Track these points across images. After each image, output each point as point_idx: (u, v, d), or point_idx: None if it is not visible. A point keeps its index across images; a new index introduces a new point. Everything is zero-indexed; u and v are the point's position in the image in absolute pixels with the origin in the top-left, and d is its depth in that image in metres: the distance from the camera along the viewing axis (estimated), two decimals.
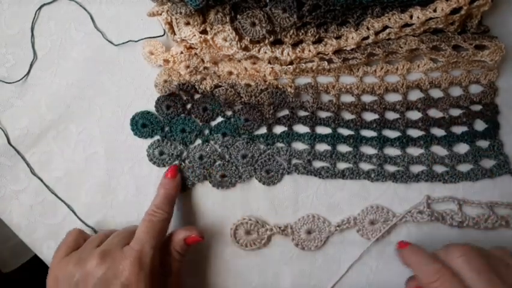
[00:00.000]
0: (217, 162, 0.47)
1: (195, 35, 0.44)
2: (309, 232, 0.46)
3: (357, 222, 0.45)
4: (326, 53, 0.44)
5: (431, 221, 0.44)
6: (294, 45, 0.44)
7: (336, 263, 0.46)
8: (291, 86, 0.46)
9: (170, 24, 0.44)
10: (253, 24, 0.42)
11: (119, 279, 0.37)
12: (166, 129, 0.47)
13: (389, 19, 0.42)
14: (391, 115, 0.47)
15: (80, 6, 0.48)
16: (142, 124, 0.47)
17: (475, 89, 0.47)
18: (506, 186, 0.46)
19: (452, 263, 0.37)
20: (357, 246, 0.45)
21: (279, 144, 0.47)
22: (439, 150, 0.46)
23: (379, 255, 0.46)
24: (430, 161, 0.45)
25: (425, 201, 0.45)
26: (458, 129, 0.46)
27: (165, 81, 0.46)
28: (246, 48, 0.44)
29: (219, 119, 0.47)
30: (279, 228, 0.45)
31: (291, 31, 0.43)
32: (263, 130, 0.47)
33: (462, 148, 0.46)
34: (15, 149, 0.48)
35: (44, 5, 0.48)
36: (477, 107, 0.46)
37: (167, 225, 0.42)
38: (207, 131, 0.47)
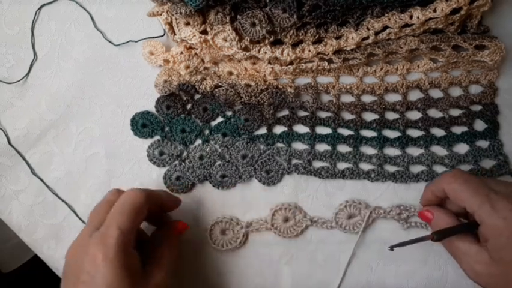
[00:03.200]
0: (217, 162, 0.47)
1: (195, 35, 0.44)
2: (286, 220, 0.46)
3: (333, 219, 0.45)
4: (326, 53, 0.44)
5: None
6: (294, 46, 0.44)
7: (336, 262, 0.46)
8: (291, 86, 0.46)
9: (170, 24, 0.44)
10: (253, 25, 0.43)
11: (85, 268, 0.34)
12: (166, 129, 0.47)
13: (389, 19, 0.42)
14: (391, 115, 0.47)
15: (80, 6, 0.48)
16: (142, 124, 0.47)
17: (474, 89, 0.47)
18: None
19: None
20: (354, 245, 0.45)
21: (279, 144, 0.47)
22: (439, 150, 0.46)
23: (379, 255, 0.46)
24: (430, 161, 0.46)
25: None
26: (458, 130, 0.46)
27: (165, 81, 0.46)
28: (246, 49, 0.44)
29: (219, 119, 0.47)
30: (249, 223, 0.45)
31: (291, 31, 0.43)
32: (263, 130, 0.47)
33: (462, 148, 0.46)
34: (16, 149, 0.48)
35: (44, 5, 0.48)
36: (477, 107, 0.46)
37: (143, 207, 0.38)
38: (207, 131, 0.47)
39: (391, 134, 0.46)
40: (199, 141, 0.47)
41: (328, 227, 0.45)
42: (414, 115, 0.46)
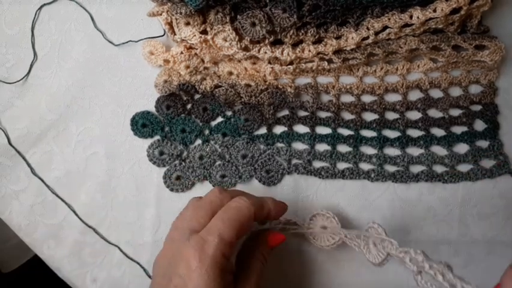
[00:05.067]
0: (217, 162, 0.47)
1: (195, 35, 0.44)
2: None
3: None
4: (326, 53, 0.44)
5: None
6: (294, 46, 0.44)
7: (335, 263, 0.46)
8: (291, 86, 0.46)
9: (170, 24, 0.44)
10: (253, 25, 0.43)
11: (179, 271, 0.33)
12: (166, 129, 0.47)
13: (389, 19, 0.42)
14: (391, 115, 0.47)
15: (81, 6, 0.48)
16: (142, 124, 0.47)
17: (474, 89, 0.47)
18: (506, 186, 0.46)
19: None
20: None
21: (279, 144, 0.47)
22: (439, 150, 0.46)
23: None
24: (430, 161, 0.46)
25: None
26: (458, 129, 0.46)
27: (165, 81, 0.46)
28: (246, 49, 0.44)
29: (219, 119, 0.47)
30: None
31: (291, 31, 0.43)
32: (263, 130, 0.47)
33: (462, 148, 0.46)
34: (16, 149, 0.48)
35: (45, 5, 0.48)
36: (477, 107, 0.46)
37: (250, 221, 0.36)
38: (207, 131, 0.47)
39: (391, 134, 0.46)
40: (199, 141, 0.47)
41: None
42: (414, 115, 0.46)
